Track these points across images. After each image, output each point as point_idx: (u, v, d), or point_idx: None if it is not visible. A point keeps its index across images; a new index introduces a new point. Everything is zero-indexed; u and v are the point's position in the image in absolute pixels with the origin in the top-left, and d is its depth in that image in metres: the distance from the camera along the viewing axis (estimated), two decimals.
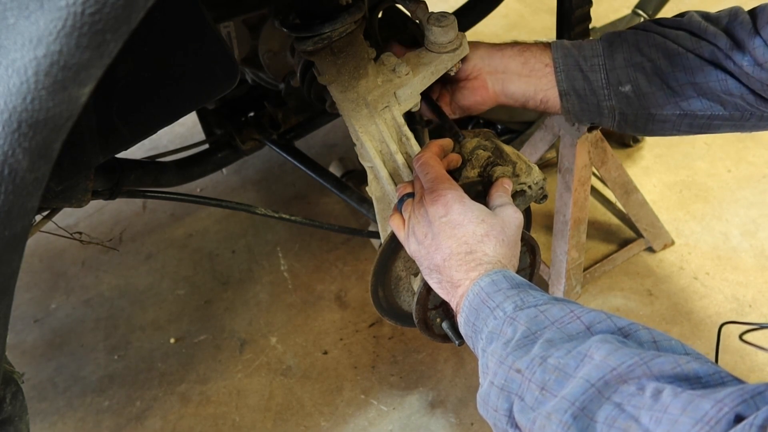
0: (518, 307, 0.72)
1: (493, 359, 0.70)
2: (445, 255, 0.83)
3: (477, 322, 0.76)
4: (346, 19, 1.02)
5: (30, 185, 0.51)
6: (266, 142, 1.53)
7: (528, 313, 0.71)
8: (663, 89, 0.99)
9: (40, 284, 1.93)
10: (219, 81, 0.92)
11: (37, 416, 1.59)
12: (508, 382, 0.67)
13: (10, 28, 0.45)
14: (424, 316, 1.02)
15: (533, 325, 0.69)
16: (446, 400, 1.52)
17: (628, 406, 0.56)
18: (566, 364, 0.63)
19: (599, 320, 0.67)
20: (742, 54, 0.91)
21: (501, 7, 1.63)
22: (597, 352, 0.61)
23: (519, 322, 0.70)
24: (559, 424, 0.59)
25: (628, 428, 0.55)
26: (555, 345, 0.65)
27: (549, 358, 0.64)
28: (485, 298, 0.76)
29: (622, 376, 0.58)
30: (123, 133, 0.88)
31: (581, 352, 0.62)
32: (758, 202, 1.86)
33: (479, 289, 0.77)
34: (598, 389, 0.59)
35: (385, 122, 1.04)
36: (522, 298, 0.73)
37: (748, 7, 0.95)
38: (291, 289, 1.82)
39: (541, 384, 0.63)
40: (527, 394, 0.64)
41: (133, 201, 2.11)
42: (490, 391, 0.69)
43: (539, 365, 0.64)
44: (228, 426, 1.53)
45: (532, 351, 0.66)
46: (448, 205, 0.85)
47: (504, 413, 0.67)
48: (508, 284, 0.76)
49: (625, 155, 2.04)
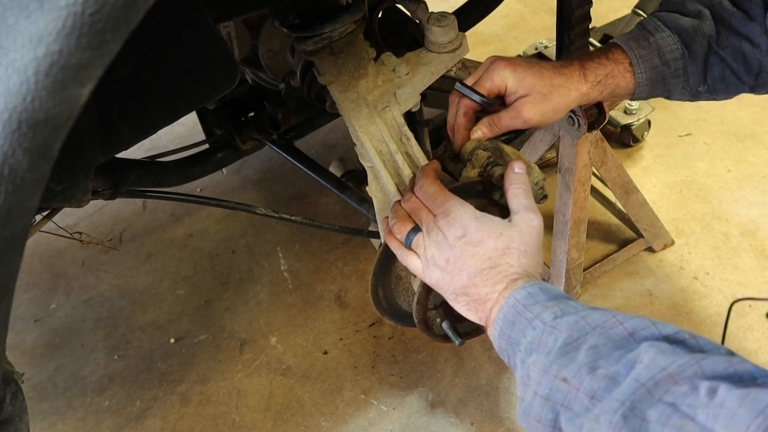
0: (557, 316, 0.70)
1: (535, 369, 0.68)
2: (470, 274, 0.81)
3: (513, 334, 0.74)
4: (346, 19, 1.02)
5: (30, 185, 0.50)
6: (266, 142, 1.53)
7: (568, 320, 0.68)
8: (736, 84, 1.00)
9: (40, 284, 1.93)
10: (219, 81, 0.92)
11: (37, 416, 1.59)
12: (553, 392, 0.64)
13: (10, 28, 0.45)
14: (424, 316, 1.02)
15: (575, 332, 0.67)
16: (446, 400, 1.52)
17: (683, 406, 0.54)
18: (616, 371, 0.60)
19: (643, 326, 0.64)
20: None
21: (501, 7, 1.63)
22: (646, 356, 0.59)
23: (560, 330, 0.68)
24: (609, 425, 0.57)
25: (683, 426, 0.53)
26: (601, 352, 0.63)
27: (598, 368, 0.62)
28: (522, 310, 0.73)
29: (673, 377, 0.57)
30: (123, 133, 0.88)
31: (631, 359, 0.60)
32: (758, 202, 1.86)
33: (515, 302, 0.75)
34: (648, 389, 0.57)
35: (385, 122, 1.04)
36: (561, 308, 0.71)
37: None
38: (291, 289, 1.82)
39: (590, 393, 0.61)
40: (575, 404, 0.62)
41: (133, 201, 2.10)
42: (533, 402, 0.66)
43: (587, 374, 0.62)
44: (228, 426, 1.53)
45: (577, 359, 0.64)
46: (465, 225, 0.83)
47: (548, 424, 0.65)
48: (546, 296, 0.74)
49: (625, 155, 2.04)
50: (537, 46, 2.12)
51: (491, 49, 2.58)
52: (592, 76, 0.98)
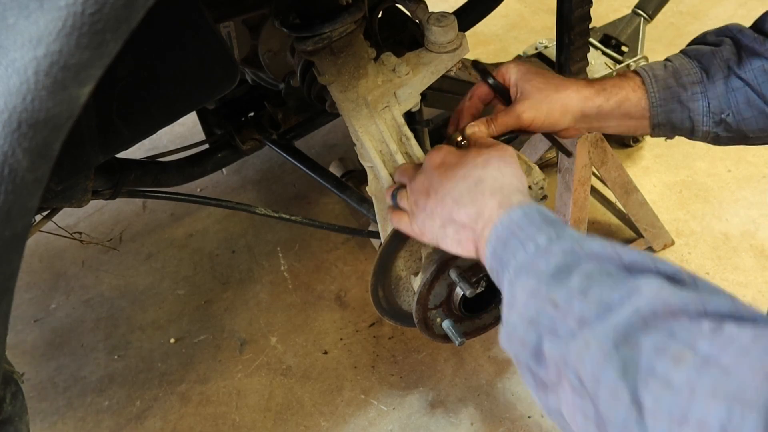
0: (552, 240, 0.66)
1: (523, 291, 0.64)
2: (454, 196, 0.79)
3: (504, 254, 0.70)
4: (346, 19, 1.02)
5: (30, 185, 0.50)
6: (266, 142, 1.53)
7: (563, 245, 0.65)
8: (764, 111, 0.94)
9: (40, 284, 1.93)
10: (219, 81, 0.92)
11: (37, 416, 1.59)
12: (540, 315, 0.61)
13: (10, 28, 0.45)
14: (424, 316, 1.02)
15: (569, 258, 0.63)
16: (446, 400, 1.52)
17: (682, 334, 0.50)
18: (611, 298, 0.56)
19: (642, 261, 0.60)
20: None
21: (501, 7, 1.63)
22: (647, 287, 0.55)
23: (553, 255, 0.64)
24: (599, 351, 0.53)
25: (682, 356, 0.49)
26: (595, 279, 0.59)
27: (590, 294, 0.58)
28: (515, 230, 0.70)
29: (674, 311, 0.53)
30: (123, 133, 0.88)
31: (629, 289, 0.56)
32: (758, 202, 1.86)
33: (510, 221, 0.71)
34: (644, 319, 0.53)
35: (385, 122, 1.04)
36: (557, 232, 0.67)
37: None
38: (291, 289, 1.82)
39: (580, 317, 0.57)
40: (562, 327, 0.58)
41: (133, 201, 2.10)
42: (518, 325, 0.64)
43: (579, 298, 0.58)
44: (228, 426, 1.53)
45: (569, 283, 0.60)
46: (441, 154, 0.83)
47: (531, 347, 0.61)
48: (542, 219, 0.70)
49: (625, 155, 2.04)
50: (537, 46, 2.12)
51: (491, 49, 2.58)
52: (598, 85, 0.97)
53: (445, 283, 0.99)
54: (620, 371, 0.52)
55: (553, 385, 0.60)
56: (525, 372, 0.64)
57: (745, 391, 0.45)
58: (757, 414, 0.44)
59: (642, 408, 0.50)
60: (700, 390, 0.47)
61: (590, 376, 0.54)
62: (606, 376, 0.53)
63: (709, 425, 0.45)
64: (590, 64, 1.53)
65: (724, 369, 0.47)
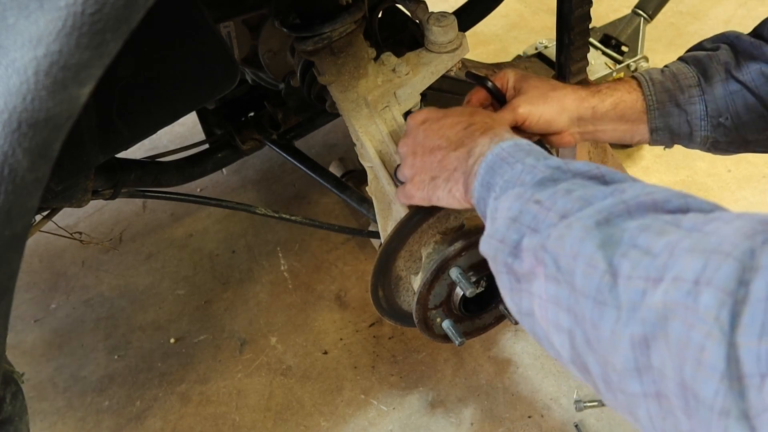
0: (539, 160, 0.67)
1: (507, 199, 0.65)
2: (442, 146, 0.79)
3: (492, 179, 0.70)
4: (346, 19, 1.02)
5: (30, 185, 0.51)
6: (266, 142, 1.53)
7: (549, 163, 0.66)
8: (763, 115, 0.94)
9: (40, 284, 1.93)
10: (219, 81, 0.92)
11: (37, 416, 1.59)
12: (523, 214, 0.61)
13: (10, 28, 0.45)
14: (424, 316, 1.02)
15: (555, 174, 0.63)
16: (446, 400, 1.52)
17: (665, 217, 0.51)
18: (593, 195, 0.57)
19: (625, 178, 0.60)
20: None
21: (501, 7, 1.62)
22: (631, 187, 0.56)
23: (539, 170, 0.65)
24: (581, 229, 0.54)
25: (666, 230, 0.49)
26: (579, 185, 0.60)
27: (574, 193, 0.58)
28: (505, 156, 0.70)
29: (658, 204, 0.53)
30: (123, 133, 0.88)
31: (613, 188, 0.57)
32: (758, 202, 1.86)
33: (500, 149, 0.71)
34: (628, 208, 0.54)
35: (385, 122, 1.04)
36: (545, 155, 0.68)
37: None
38: (291, 289, 1.82)
39: (562, 212, 0.57)
40: (543, 223, 0.59)
41: (133, 201, 2.10)
42: (500, 226, 0.63)
43: (562, 196, 0.59)
44: (228, 426, 1.53)
45: (555, 187, 0.61)
46: (423, 113, 0.85)
47: (510, 244, 0.62)
48: (531, 147, 0.71)
49: (625, 155, 2.04)
50: (537, 46, 2.11)
51: (491, 49, 2.58)
52: (593, 87, 0.97)
53: (445, 283, 0.99)
54: (599, 244, 0.52)
55: (527, 279, 0.60)
56: (501, 270, 0.64)
57: (722, 245, 0.44)
58: (733, 261, 0.43)
59: (617, 275, 0.50)
60: (678, 250, 0.47)
61: (569, 254, 0.54)
62: (584, 248, 0.53)
63: (684, 278, 0.45)
64: (590, 64, 1.53)
65: (705, 233, 0.47)
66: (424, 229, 0.99)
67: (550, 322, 0.56)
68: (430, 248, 1.00)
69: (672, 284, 0.45)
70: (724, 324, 0.41)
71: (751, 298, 0.41)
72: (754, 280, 0.41)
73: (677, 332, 0.44)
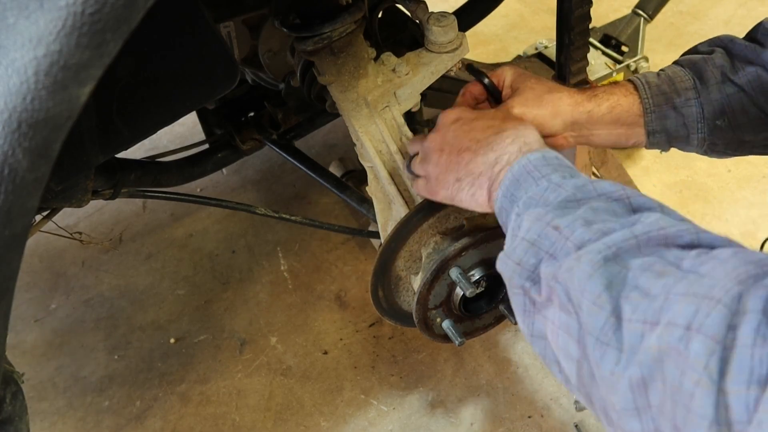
0: (565, 178, 0.68)
1: (528, 218, 0.65)
2: (472, 148, 0.78)
3: (517, 191, 0.71)
4: (346, 19, 1.02)
5: (30, 185, 0.51)
6: (266, 142, 1.53)
7: (575, 182, 0.66)
8: (760, 117, 0.94)
9: (40, 284, 1.93)
10: (219, 81, 0.92)
11: (37, 416, 1.59)
12: (541, 238, 0.62)
13: (10, 27, 0.45)
14: (424, 316, 1.02)
15: (579, 193, 0.64)
16: (446, 400, 1.52)
17: (669, 256, 0.52)
18: (612, 228, 0.58)
19: (649, 205, 0.61)
20: None
21: (501, 7, 1.63)
22: (646, 218, 0.57)
23: (564, 189, 0.66)
24: (589, 264, 0.55)
25: (665, 272, 0.50)
26: (600, 213, 0.61)
27: (594, 224, 0.59)
28: (531, 169, 0.71)
29: (668, 239, 0.54)
30: (123, 133, 0.88)
31: (630, 220, 0.58)
32: (758, 202, 1.85)
33: (527, 161, 0.72)
34: (638, 243, 0.55)
35: (385, 122, 1.04)
36: (571, 173, 0.69)
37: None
38: (291, 289, 1.82)
39: (579, 243, 0.58)
40: (561, 252, 0.60)
41: (133, 201, 2.10)
42: (518, 246, 0.64)
43: (581, 225, 0.59)
44: (228, 426, 1.53)
45: (575, 213, 0.62)
46: (456, 111, 0.83)
47: (528, 268, 0.63)
48: (559, 162, 0.71)
49: (625, 155, 2.04)
50: (537, 46, 2.11)
51: (491, 49, 2.58)
52: (590, 91, 0.97)
53: (445, 283, 0.99)
54: (606, 283, 0.53)
55: (542, 306, 0.61)
56: (517, 293, 0.65)
57: (713, 290, 0.46)
58: (722, 307, 0.44)
59: (621, 318, 0.51)
60: (674, 294, 0.48)
61: (577, 288, 0.55)
62: (592, 286, 0.54)
63: (677, 323, 0.46)
64: (590, 64, 1.53)
65: (700, 275, 0.48)
66: (424, 229, 0.99)
67: (561, 349, 0.58)
68: (430, 248, 1.00)
69: (666, 329, 0.47)
70: (713, 372, 0.43)
71: (739, 344, 0.42)
72: (741, 325, 0.43)
73: (672, 375, 0.45)
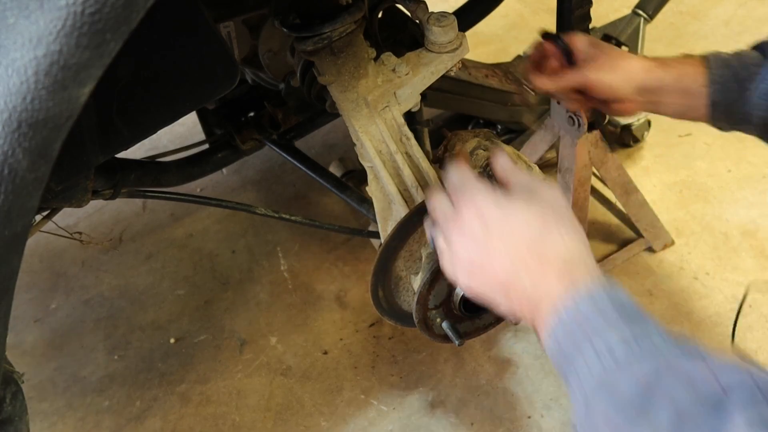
0: (627, 342, 0.59)
1: (601, 419, 0.59)
2: (506, 266, 0.70)
3: (568, 348, 0.64)
4: (346, 19, 1.02)
5: (30, 185, 0.51)
6: (266, 142, 1.53)
7: (647, 355, 0.59)
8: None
9: (40, 284, 1.93)
10: (219, 81, 0.92)
11: (37, 416, 1.59)
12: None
13: (10, 27, 0.45)
14: (424, 316, 1.02)
15: (653, 378, 0.57)
16: (446, 400, 1.52)
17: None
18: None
19: (739, 381, 0.55)
20: None
21: (501, 7, 1.63)
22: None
23: (634, 374, 0.58)
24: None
25: None
26: (685, 418, 0.54)
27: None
28: (582, 322, 0.63)
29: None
30: (123, 133, 0.88)
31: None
32: (758, 202, 1.85)
33: (576, 312, 0.64)
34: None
35: (385, 122, 1.04)
36: (631, 330, 0.61)
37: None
38: (291, 289, 1.82)
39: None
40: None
41: (133, 201, 2.10)
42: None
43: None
44: (228, 426, 1.53)
45: (656, 423, 0.55)
46: (475, 205, 0.73)
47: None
48: (612, 305, 0.63)
49: (625, 155, 2.04)
50: None
51: (491, 49, 2.58)
52: (660, 59, 1.00)
53: (445, 283, 0.99)
54: None
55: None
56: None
57: None
58: None
59: None
60: None
61: None
62: None
63: None
64: None
65: None
66: (424, 229, 0.99)
67: None
68: (430, 248, 1.00)
69: None
70: None
71: None
72: None
73: None
